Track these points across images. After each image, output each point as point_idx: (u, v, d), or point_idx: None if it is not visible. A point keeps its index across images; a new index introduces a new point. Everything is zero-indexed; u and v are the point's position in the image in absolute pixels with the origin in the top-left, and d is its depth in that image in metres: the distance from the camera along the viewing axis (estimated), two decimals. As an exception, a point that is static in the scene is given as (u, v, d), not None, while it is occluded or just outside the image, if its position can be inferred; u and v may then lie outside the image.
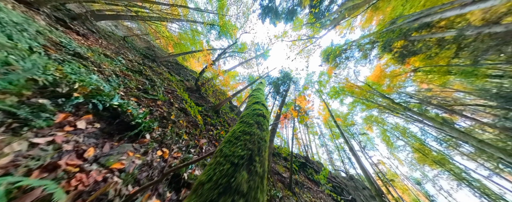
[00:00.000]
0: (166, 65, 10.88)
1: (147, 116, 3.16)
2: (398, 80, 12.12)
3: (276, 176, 6.27)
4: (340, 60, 14.57)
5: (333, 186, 8.99)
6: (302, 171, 9.32)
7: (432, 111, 11.57)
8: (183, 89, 8.76)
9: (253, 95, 4.26)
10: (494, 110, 8.74)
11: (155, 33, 13.57)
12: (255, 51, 21.55)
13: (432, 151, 12.47)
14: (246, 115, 2.14)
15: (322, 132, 24.92)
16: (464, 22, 7.07)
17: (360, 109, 14.41)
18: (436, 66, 9.00)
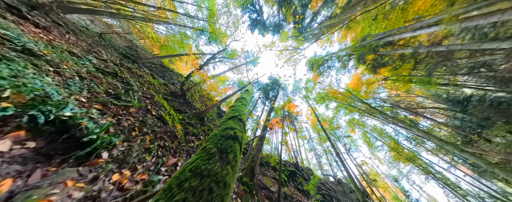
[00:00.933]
0: (149, 67, 10.11)
1: (110, 128, 2.66)
2: (373, 87, 13.75)
3: (263, 192, 5.77)
4: (323, 69, 15.28)
5: (323, 194, 8.92)
6: (291, 180, 9.06)
7: (401, 113, 13.43)
8: (167, 93, 8.11)
9: (233, 107, 3.93)
10: (446, 111, 10.33)
11: (139, 33, 12.76)
12: (245, 58, 21.62)
13: (404, 149, 14.04)
14: (213, 137, 1.80)
15: (311, 136, 25.36)
16: (416, 42, 8.68)
17: (343, 113, 15.40)
18: (401, 75, 10.49)
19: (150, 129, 3.85)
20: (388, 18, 8.11)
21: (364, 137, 17.33)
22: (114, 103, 3.74)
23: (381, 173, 20.81)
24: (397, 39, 8.05)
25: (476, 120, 7.86)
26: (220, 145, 1.55)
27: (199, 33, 20.11)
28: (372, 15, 8.50)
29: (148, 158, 2.87)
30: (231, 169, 1.24)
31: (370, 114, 11.08)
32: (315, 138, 23.78)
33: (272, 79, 19.38)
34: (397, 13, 7.76)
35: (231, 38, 19.51)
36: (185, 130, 5.80)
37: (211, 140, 1.72)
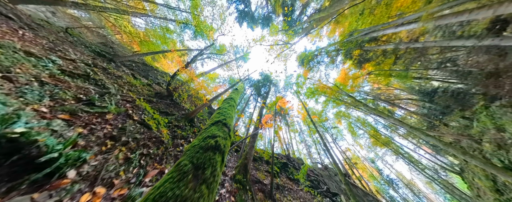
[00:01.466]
0: (129, 66, 9.34)
1: (79, 141, 2.34)
2: (358, 81, 14.91)
3: (256, 185, 5.85)
4: (313, 64, 15.45)
5: (311, 180, 9.58)
6: (283, 171, 9.52)
7: (381, 104, 15.30)
8: (151, 94, 7.56)
9: (219, 110, 3.67)
10: (417, 101, 12.06)
11: (113, 27, 11.56)
12: (235, 54, 20.95)
13: (381, 135, 16.45)
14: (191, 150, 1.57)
15: (302, 129, 26.85)
16: (397, 38, 9.24)
17: (331, 106, 16.60)
18: (382, 70, 11.48)
19: (131, 136, 3.53)
20: (374, 13, 8.33)
21: (349, 127, 19.20)
22: (86, 110, 3.34)
23: (361, 157, 23.93)
24: (381, 35, 8.42)
25: (439, 108, 9.21)
26: (196, 159, 1.37)
27: (182, 26, 18.75)
28: (359, 9, 8.63)
29: (130, 169, 2.61)
30: (206, 189, 1.08)
31: (355, 106, 12.11)
32: (306, 131, 25.47)
33: (263, 75, 19.16)
34: (382, 8, 7.99)
35: (218, 32, 18.50)
36: (172, 134, 5.50)
37: (188, 153, 1.53)
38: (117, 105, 4.45)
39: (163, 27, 16.69)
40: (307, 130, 23.31)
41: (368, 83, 15.79)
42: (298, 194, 6.75)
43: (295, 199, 6.15)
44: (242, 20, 17.63)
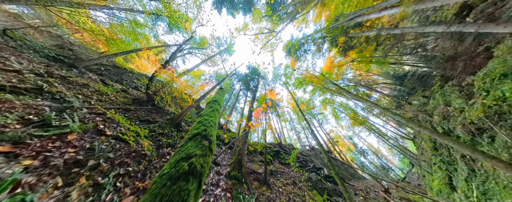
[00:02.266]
0: (97, 70, 8.28)
1: (21, 179, 1.90)
2: (342, 69, 15.76)
3: (252, 176, 5.89)
4: (300, 54, 15.25)
5: (300, 161, 10.46)
6: (276, 158, 9.89)
7: (361, 89, 17.06)
8: (128, 102, 6.81)
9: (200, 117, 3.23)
10: (390, 85, 13.73)
11: (69, 25, 9.86)
12: (218, 47, 19.71)
13: (359, 116, 19.34)
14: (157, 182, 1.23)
15: (292, 118, 29.36)
16: (380, 24, 9.87)
17: (318, 94, 17.68)
18: (364, 57, 12.24)
19: (102, 156, 3.09)
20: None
21: (333, 112, 21.81)
22: (38, 134, 2.79)
23: (342, 135, 28.38)
24: (365, 20, 8.52)
25: (407, 90, 10.69)
26: (161, 198, 1.10)
27: (154, 18, 16.59)
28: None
29: (101, 198, 2.26)
30: None
31: (339, 93, 12.72)
32: (295, 119, 27.94)
33: (250, 68, 18.55)
34: (368, -11, 7.86)
35: (195, 22, 16.74)
36: (156, 144, 5.08)
37: (153, 188, 1.23)
38: (82, 120, 3.87)
39: (131, 20, 14.72)
40: (297, 118, 25.56)
41: (351, 71, 16.89)
42: (289, 175, 7.24)
43: (287, 179, 6.60)
44: (220, 6, 16.17)
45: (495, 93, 4.68)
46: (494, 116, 4.72)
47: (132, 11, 14.35)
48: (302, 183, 6.54)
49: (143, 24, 15.96)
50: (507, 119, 4.39)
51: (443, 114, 6.89)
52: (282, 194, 5.12)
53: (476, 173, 5.35)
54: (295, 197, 5.11)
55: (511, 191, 4.07)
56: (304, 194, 5.56)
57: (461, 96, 6.06)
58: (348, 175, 12.72)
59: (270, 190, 5.06)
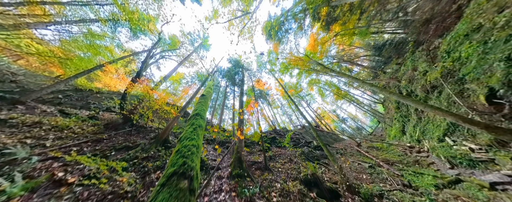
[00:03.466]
0: (53, 100, 7.07)
1: None
2: (326, 46, 15.33)
3: (253, 167, 5.93)
4: (281, 35, 14.22)
5: (294, 140, 11.19)
6: (273, 144, 10.25)
7: (344, 65, 17.63)
8: (99, 129, 5.93)
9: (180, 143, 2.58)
10: (370, 57, 13.75)
11: (7, 52, 8.15)
12: (191, 44, 17.93)
13: (342, 91, 20.77)
14: None
15: (282, 103, 31.21)
16: None
17: (304, 76, 17.78)
18: (347, 29, 11.93)
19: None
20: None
21: (319, 91, 23.25)
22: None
23: (327, 110, 31.94)
24: None
25: (384, 59, 11.13)
26: None
27: (112, 25, 14.44)
28: None
29: None
30: None
31: (324, 72, 12.62)
32: (286, 104, 29.62)
33: (232, 61, 17.35)
34: None
35: (160, 21, 14.82)
36: (141, 171, 4.47)
37: None
38: (31, 175, 3.12)
39: (86, 33, 12.70)
40: (287, 103, 27.46)
41: (334, 46, 16.70)
42: (286, 155, 7.75)
43: (284, 159, 7.02)
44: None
45: (454, 55, 5.37)
46: (447, 75, 5.72)
47: (84, 21, 12.25)
48: (297, 158, 7.03)
49: (101, 34, 13.93)
50: (456, 75, 5.40)
51: (409, 78, 7.90)
52: (281, 172, 5.41)
53: (421, 120, 7.26)
54: (292, 171, 5.46)
55: (439, 128, 5.92)
56: (299, 166, 5.94)
57: (427, 60, 6.75)
58: (332, 141, 14.36)
59: (272, 173, 5.27)
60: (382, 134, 15.20)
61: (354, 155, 8.28)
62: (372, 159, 7.21)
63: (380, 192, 4.24)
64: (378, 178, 5.31)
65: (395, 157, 7.30)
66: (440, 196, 3.82)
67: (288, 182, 4.59)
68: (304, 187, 4.21)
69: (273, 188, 4.21)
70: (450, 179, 4.39)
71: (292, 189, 4.05)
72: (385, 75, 10.98)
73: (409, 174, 5.29)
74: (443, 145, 5.60)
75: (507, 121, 3.86)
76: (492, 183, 3.67)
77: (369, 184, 4.72)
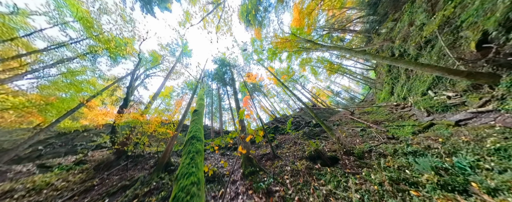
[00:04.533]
0: (31, 155, 6.20)
1: None
2: (314, 16, 13.30)
3: (263, 159, 5.80)
4: (261, 16, 12.45)
5: (295, 124, 10.95)
6: (277, 132, 10.20)
7: (335, 34, 15.97)
8: (88, 176, 5.06)
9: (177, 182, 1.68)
10: (363, 18, 12.02)
11: None
12: (172, 54, 16.60)
13: (334, 65, 19.45)
14: None
15: (277, 91, 29.63)
16: None
17: (295, 58, 16.52)
18: None
19: None
20: None
21: (311, 70, 21.83)
22: None
23: (322, 87, 31.08)
24: None
25: (379, 18, 9.92)
26: None
27: (91, 58, 13.55)
28: None
29: None
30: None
31: (314, 48, 11.41)
32: (281, 91, 28.23)
33: (218, 61, 15.92)
34: None
35: (136, 41, 13.86)
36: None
37: None
38: None
39: (65, 72, 11.81)
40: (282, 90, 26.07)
41: (323, 14, 14.76)
42: (290, 139, 7.82)
43: (289, 143, 7.14)
44: (149, 6, 12.54)
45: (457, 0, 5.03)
46: (444, 25, 5.52)
47: (62, 62, 11.31)
48: (300, 139, 7.21)
49: (81, 70, 13.03)
50: (453, 23, 5.22)
51: (404, 36, 7.54)
52: (289, 156, 5.51)
53: (409, 79, 7.52)
54: (298, 152, 5.61)
55: (424, 83, 6.25)
56: (303, 146, 6.10)
57: (427, 9, 6.34)
58: (328, 115, 14.38)
59: (280, 159, 5.32)
60: (373, 99, 15.43)
61: (348, 123, 8.54)
62: (363, 123, 7.52)
63: (369, 148, 4.57)
64: (368, 137, 5.61)
65: (383, 117, 7.79)
66: (415, 140, 4.20)
67: (296, 162, 4.72)
68: (310, 162, 4.43)
69: (284, 172, 4.31)
70: (425, 125, 4.87)
71: (300, 168, 4.21)
72: (378, 38, 10.08)
73: (393, 128, 5.71)
74: (425, 98, 5.98)
75: (489, 65, 4.12)
76: (458, 121, 4.21)
77: (361, 144, 5.06)
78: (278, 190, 3.45)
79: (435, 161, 2.84)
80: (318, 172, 3.80)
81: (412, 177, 2.73)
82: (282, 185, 3.61)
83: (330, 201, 2.74)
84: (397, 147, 4.04)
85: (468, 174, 2.38)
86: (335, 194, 2.88)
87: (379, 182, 2.85)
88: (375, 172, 3.23)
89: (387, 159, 3.62)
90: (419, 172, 2.79)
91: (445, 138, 3.67)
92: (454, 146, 3.20)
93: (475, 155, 2.72)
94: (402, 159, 3.43)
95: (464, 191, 2.18)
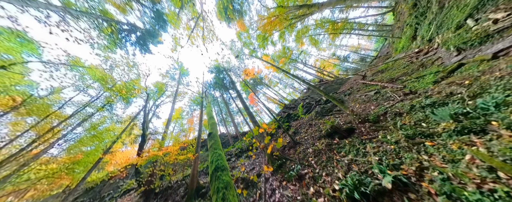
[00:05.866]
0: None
1: None
2: None
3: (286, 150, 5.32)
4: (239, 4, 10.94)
5: (306, 106, 10.05)
6: (291, 120, 9.55)
7: None
8: None
9: None
10: None
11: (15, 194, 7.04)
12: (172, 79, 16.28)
13: (338, 23, 15.23)
14: None
15: (279, 77, 26.49)
16: None
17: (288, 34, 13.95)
18: None
19: None
20: None
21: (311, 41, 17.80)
22: None
23: (326, 58, 26.00)
24: None
25: None
26: None
27: (108, 107, 14.03)
28: None
29: None
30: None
31: (310, 13, 9.56)
32: (283, 76, 25.15)
33: (213, 70, 15.01)
34: None
35: (142, 78, 13.90)
36: None
37: None
38: None
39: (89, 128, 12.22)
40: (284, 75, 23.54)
41: None
42: (305, 123, 7.28)
43: (305, 127, 6.59)
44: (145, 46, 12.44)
45: None
46: None
47: (86, 120, 11.94)
48: (314, 120, 6.75)
49: (101, 121, 13.46)
50: None
51: None
52: (308, 139, 5.26)
53: (443, 9, 5.52)
54: (315, 133, 5.33)
55: (464, 9, 4.50)
56: (319, 126, 5.73)
57: None
58: (337, 86, 12.47)
59: (301, 145, 5.12)
60: (388, 52, 13.24)
61: (360, 90, 7.43)
62: (376, 85, 6.36)
63: (385, 110, 4.00)
64: (382, 99, 4.90)
65: (400, 71, 6.43)
66: (436, 89, 3.56)
67: (316, 143, 4.56)
68: (328, 139, 4.25)
69: (308, 154, 4.25)
70: (451, 67, 3.97)
71: (320, 147, 4.08)
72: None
73: (411, 82, 4.82)
74: (459, 32, 4.53)
75: None
76: (497, 52, 3.17)
77: (376, 108, 4.47)
78: (307, 172, 3.48)
79: (455, 108, 2.51)
80: (338, 146, 3.69)
81: (429, 129, 2.50)
82: (309, 167, 3.62)
83: (353, 168, 2.74)
84: (415, 102, 3.47)
85: (490, 114, 2.07)
86: (356, 161, 2.87)
87: (395, 140, 2.73)
88: (391, 132, 3.05)
89: (403, 117, 3.26)
90: (436, 122, 2.55)
91: (473, 79, 3.07)
92: (482, 86, 2.70)
93: (506, 90, 2.27)
94: (419, 113, 3.06)
95: (481, 131, 1.94)
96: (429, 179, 1.74)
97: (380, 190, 2.00)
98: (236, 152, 8.36)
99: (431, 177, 1.73)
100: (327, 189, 2.62)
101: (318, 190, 2.75)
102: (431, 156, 2.00)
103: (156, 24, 12.16)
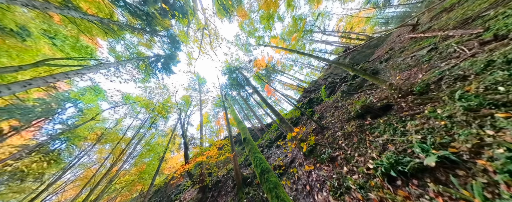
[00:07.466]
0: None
1: None
2: None
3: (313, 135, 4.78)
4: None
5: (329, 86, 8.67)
6: (314, 104, 8.55)
7: None
8: None
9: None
10: None
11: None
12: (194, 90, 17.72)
13: None
14: None
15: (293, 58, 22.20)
16: None
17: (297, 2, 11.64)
18: None
19: None
20: None
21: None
22: None
23: (354, 12, 17.53)
24: None
25: None
26: None
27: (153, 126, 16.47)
28: None
29: None
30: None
31: None
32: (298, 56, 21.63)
33: (226, 72, 15.31)
34: None
35: (172, 96, 15.64)
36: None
37: None
38: None
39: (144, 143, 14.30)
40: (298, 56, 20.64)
41: None
42: (329, 106, 6.49)
43: (330, 111, 5.95)
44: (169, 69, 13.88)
45: None
46: None
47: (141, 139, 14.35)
48: (341, 101, 5.82)
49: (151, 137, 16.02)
50: None
51: None
52: (335, 123, 4.73)
53: None
54: (343, 116, 4.70)
55: None
56: (346, 107, 4.98)
57: None
58: (371, 51, 9.55)
59: (329, 129, 4.64)
60: None
61: (405, 50, 5.51)
62: (434, 37, 4.38)
63: (440, 75, 2.91)
64: (439, 58, 3.45)
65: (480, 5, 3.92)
66: None
67: (345, 126, 4.08)
68: (359, 120, 3.73)
69: (337, 138, 3.88)
70: None
71: (350, 130, 3.68)
72: None
73: (497, 21, 2.87)
74: None
75: None
76: None
77: (426, 74, 3.21)
78: (338, 154, 3.30)
79: None
80: (371, 127, 3.20)
81: (507, 95, 1.70)
82: (340, 149, 3.41)
83: (388, 147, 2.30)
84: (497, 55, 2.26)
85: None
86: (393, 140, 2.36)
87: (448, 115, 2.03)
88: (443, 105, 2.22)
89: (468, 83, 2.25)
90: (522, 83, 1.64)
91: None
92: None
93: None
94: (497, 73, 2.02)
95: None
96: (488, 156, 1.43)
97: (420, 168, 1.69)
98: (266, 143, 8.34)
99: (493, 154, 1.41)
100: (361, 168, 2.40)
101: (352, 169, 2.58)
102: (500, 130, 1.53)
103: (172, 47, 12.94)
